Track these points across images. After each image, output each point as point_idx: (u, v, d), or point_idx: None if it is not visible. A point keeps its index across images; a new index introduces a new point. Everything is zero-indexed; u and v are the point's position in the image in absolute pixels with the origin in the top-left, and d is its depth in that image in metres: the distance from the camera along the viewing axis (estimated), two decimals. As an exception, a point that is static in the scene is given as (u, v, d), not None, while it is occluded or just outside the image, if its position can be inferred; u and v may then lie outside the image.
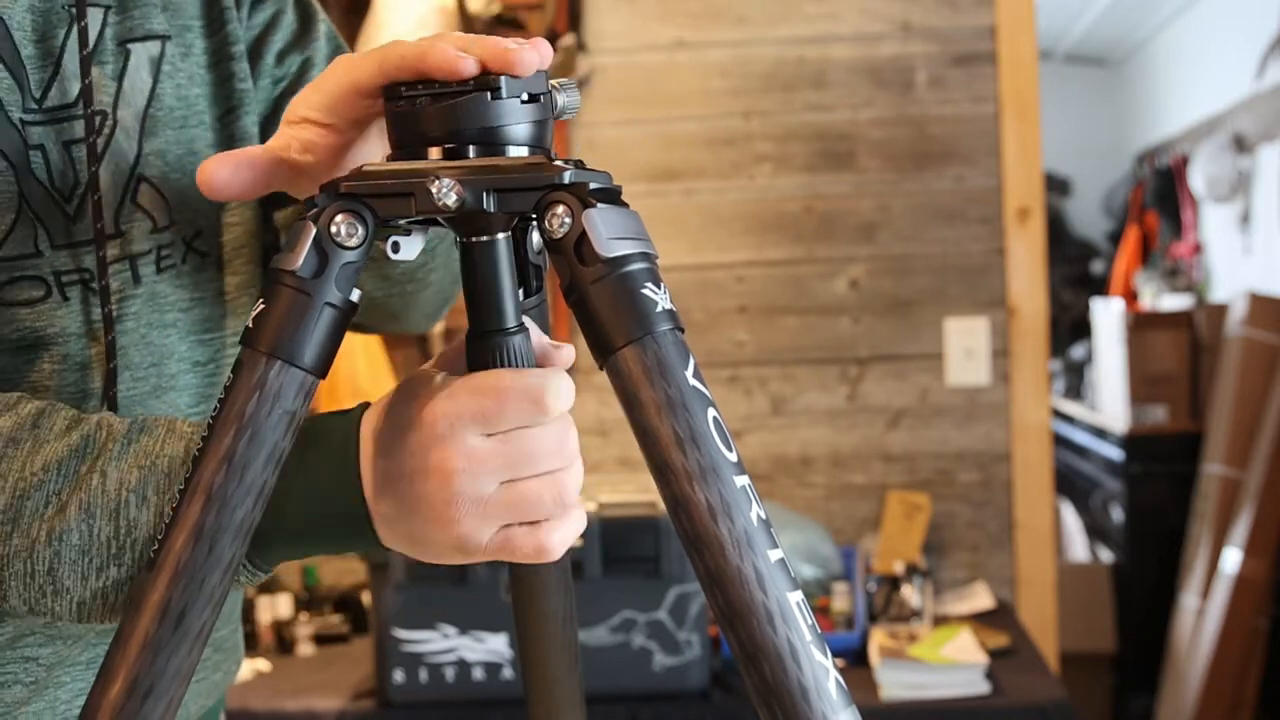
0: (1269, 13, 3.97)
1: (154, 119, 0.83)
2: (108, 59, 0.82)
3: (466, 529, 0.64)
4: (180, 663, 0.60)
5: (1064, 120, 5.71)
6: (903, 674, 1.98)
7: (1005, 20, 2.48)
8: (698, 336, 2.53)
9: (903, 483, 2.53)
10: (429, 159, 0.62)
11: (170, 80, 0.85)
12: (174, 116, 0.85)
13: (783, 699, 0.57)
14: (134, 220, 0.82)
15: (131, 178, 0.82)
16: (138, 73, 0.83)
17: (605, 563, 1.95)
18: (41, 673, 0.82)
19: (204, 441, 0.61)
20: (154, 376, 0.84)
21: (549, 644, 0.78)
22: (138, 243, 0.82)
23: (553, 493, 0.64)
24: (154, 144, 0.83)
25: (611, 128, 2.54)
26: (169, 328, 0.85)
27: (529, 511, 0.64)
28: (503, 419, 0.63)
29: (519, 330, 0.64)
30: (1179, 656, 3.39)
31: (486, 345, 0.64)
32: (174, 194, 0.84)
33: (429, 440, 0.63)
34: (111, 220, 0.81)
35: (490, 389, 0.63)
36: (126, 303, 0.82)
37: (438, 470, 0.63)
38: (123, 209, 0.81)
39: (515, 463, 0.63)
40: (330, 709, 2.01)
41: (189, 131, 0.86)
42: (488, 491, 0.63)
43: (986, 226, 2.50)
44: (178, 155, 0.85)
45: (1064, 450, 4.42)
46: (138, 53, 0.83)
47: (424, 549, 0.66)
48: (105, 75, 0.81)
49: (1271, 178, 4.07)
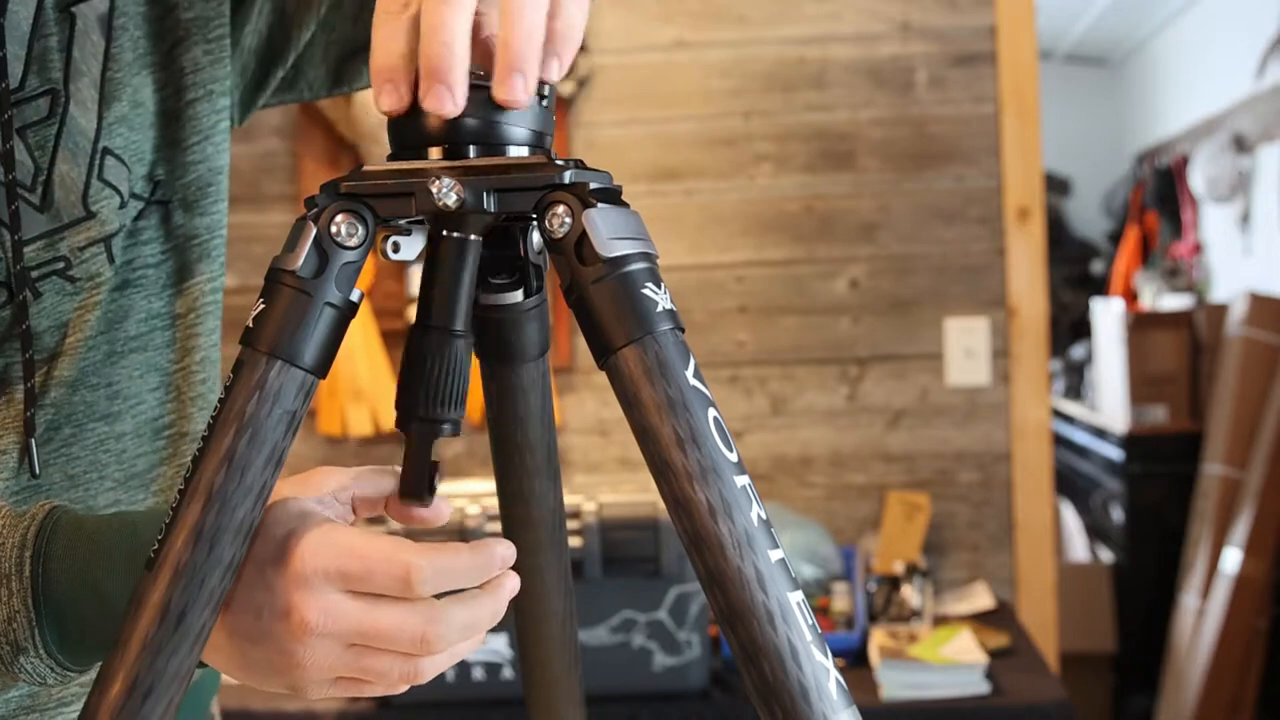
0: (1269, 13, 3.96)
1: (113, 82, 0.78)
2: (51, 30, 0.76)
3: (305, 678, 0.62)
4: (180, 663, 0.60)
5: (1064, 120, 5.70)
6: (903, 674, 1.98)
7: (1005, 20, 2.48)
8: (698, 336, 2.53)
9: (903, 483, 2.53)
10: (429, 159, 0.62)
11: (126, 34, 0.79)
12: (132, 74, 0.79)
13: (783, 699, 0.57)
14: (102, 199, 0.78)
15: (95, 154, 0.77)
16: (86, 37, 0.77)
17: (605, 563, 1.95)
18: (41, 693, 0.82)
19: (204, 441, 0.61)
20: (105, 343, 0.80)
21: (549, 644, 0.77)
22: (111, 223, 0.78)
23: (403, 670, 0.62)
24: (117, 110, 0.78)
25: (611, 128, 2.53)
26: (129, 288, 0.81)
27: (373, 678, 0.63)
28: (369, 584, 0.61)
29: (464, 335, 0.64)
30: (1179, 656, 3.39)
31: (430, 341, 0.63)
32: (135, 158, 0.80)
33: (291, 583, 0.61)
34: (81, 204, 0.77)
35: (360, 554, 0.60)
36: (104, 287, 0.79)
37: (294, 616, 0.61)
38: (89, 189, 0.77)
39: (369, 634, 0.61)
40: (330, 709, 2.01)
41: (139, 77, 0.80)
42: (336, 651, 0.62)
43: (986, 226, 2.50)
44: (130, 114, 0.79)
45: (1064, 450, 4.42)
46: (84, 14, 0.77)
47: (250, 675, 0.64)
48: (51, 48, 0.76)
49: (1271, 178, 4.07)
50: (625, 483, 2.20)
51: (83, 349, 0.79)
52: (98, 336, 0.79)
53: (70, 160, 0.76)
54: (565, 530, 0.76)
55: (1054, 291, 5.50)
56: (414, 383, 0.63)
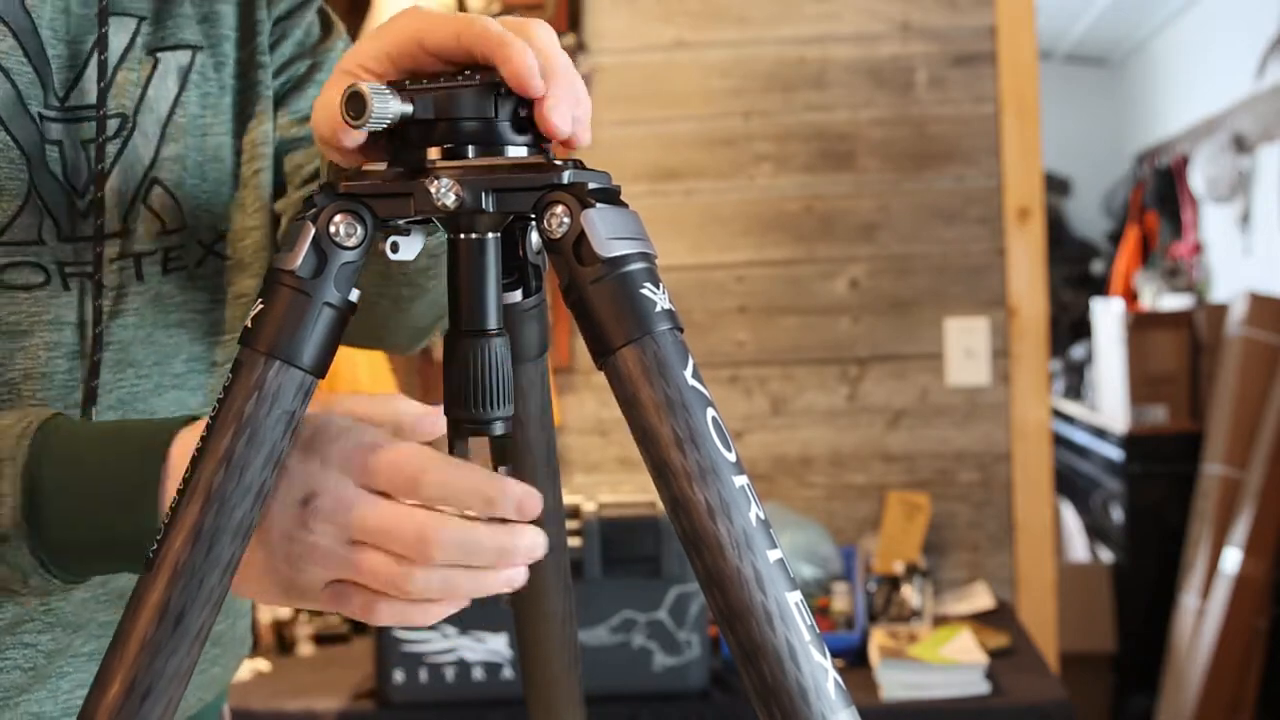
0: (1269, 13, 3.96)
1: (176, 125, 0.86)
2: (135, 66, 0.84)
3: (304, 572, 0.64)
4: (179, 663, 0.60)
5: (1064, 120, 5.70)
6: (903, 674, 1.98)
7: (1005, 20, 2.48)
8: (698, 336, 2.53)
9: (903, 483, 2.53)
10: (428, 159, 0.62)
11: (197, 89, 0.87)
12: (197, 124, 0.87)
13: (781, 699, 0.57)
14: (142, 221, 0.84)
15: (144, 180, 0.84)
16: (163, 80, 0.86)
17: (605, 563, 1.95)
18: (41, 660, 0.82)
19: (203, 441, 0.61)
20: (157, 374, 0.86)
21: (549, 644, 0.77)
22: (143, 242, 0.84)
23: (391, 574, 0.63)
24: (173, 149, 0.85)
25: (611, 128, 2.53)
26: (177, 328, 0.87)
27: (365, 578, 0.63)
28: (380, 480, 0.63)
29: (500, 333, 0.64)
30: (1179, 656, 3.39)
31: (466, 344, 0.63)
32: (192, 199, 0.86)
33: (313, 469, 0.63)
34: (119, 218, 0.83)
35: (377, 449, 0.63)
36: (128, 299, 0.84)
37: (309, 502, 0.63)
38: (133, 209, 0.83)
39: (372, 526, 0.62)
40: (330, 709, 2.01)
41: (213, 139, 0.88)
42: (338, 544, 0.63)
43: (986, 226, 2.50)
44: (198, 161, 0.87)
45: (1064, 450, 4.42)
46: (166, 61, 0.86)
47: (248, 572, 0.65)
48: (130, 81, 0.84)
49: (1271, 178, 4.07)
50: (625, 483, 2.21)
51: (131, 375, 0.85)
52: (152, 368, 0.86)
53: (122, 179, 0.83)
54: (565, 530, 0.76)
55: (1054, 291, 5.50)
56: (459, 389, 0.63)
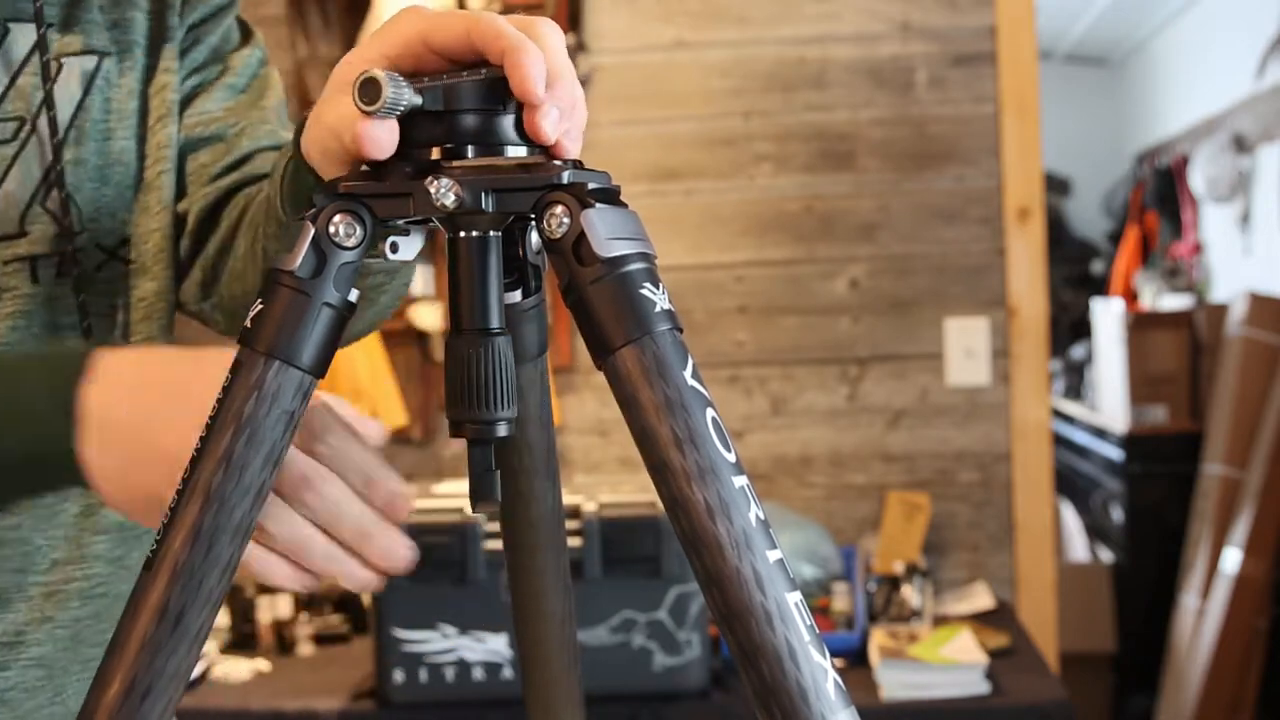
0: (1269, 13, 3.97)
1: (78, 130, 0.86)
2: (36, 71, 0.85)
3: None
4: (179, 663, 0.60)
5: (1064, 120, 5.70)
6: (903, 674, 1.98)
7: (1005, 20, 2.48)
8: (698, 336, 2.53)
9: (903, 483, 2.53)
10: (427, 159, 0.62)
11: (101, 94, 0.88)
12: (100, 128, 0.87)
13: (781, 699, 0.57)
14: (39, 223, 0.84)
15: (42, 184, 0.84)
16: (66, 85, 0.86)
17: (605, 563, 1.95)
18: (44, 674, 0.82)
19: (202, 442, 0.61)
20: None
21: (549, 644, 0.77)
22: (40, 245, 0.84)
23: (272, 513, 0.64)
24: (73, 153, 0.86)
25: (611, 128, 2.53)
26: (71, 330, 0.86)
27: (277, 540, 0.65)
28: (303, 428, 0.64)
29: (502, 332, 0.64)
30: (1179, 656, 3.39)
31: (469, 343, 0.63)
32: (92, 203, 0.87)
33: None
34: (17, 221, 0.83)
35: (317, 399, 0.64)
36: (21, 300, 0.84)
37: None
38: (29, 211, 0.84)
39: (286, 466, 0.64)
40: (330, 709, 2.01)
41: (117, 143, 0.88)
42: None
43: (986, 226, 2.50)
44: (99, 165, 0.87)
45: (1064, 450, 4.42)
46: (70, 66, 0.86)
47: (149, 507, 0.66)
48: (31, 85, 0.85)
49: (1271, 178, 4.07)
50: (625, 483, 2.21)
51: None
52: None
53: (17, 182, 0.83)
54: (564, 530, 0.76)
55: (1054, 291, 5.50)
56: (461, 389, 0.63)
